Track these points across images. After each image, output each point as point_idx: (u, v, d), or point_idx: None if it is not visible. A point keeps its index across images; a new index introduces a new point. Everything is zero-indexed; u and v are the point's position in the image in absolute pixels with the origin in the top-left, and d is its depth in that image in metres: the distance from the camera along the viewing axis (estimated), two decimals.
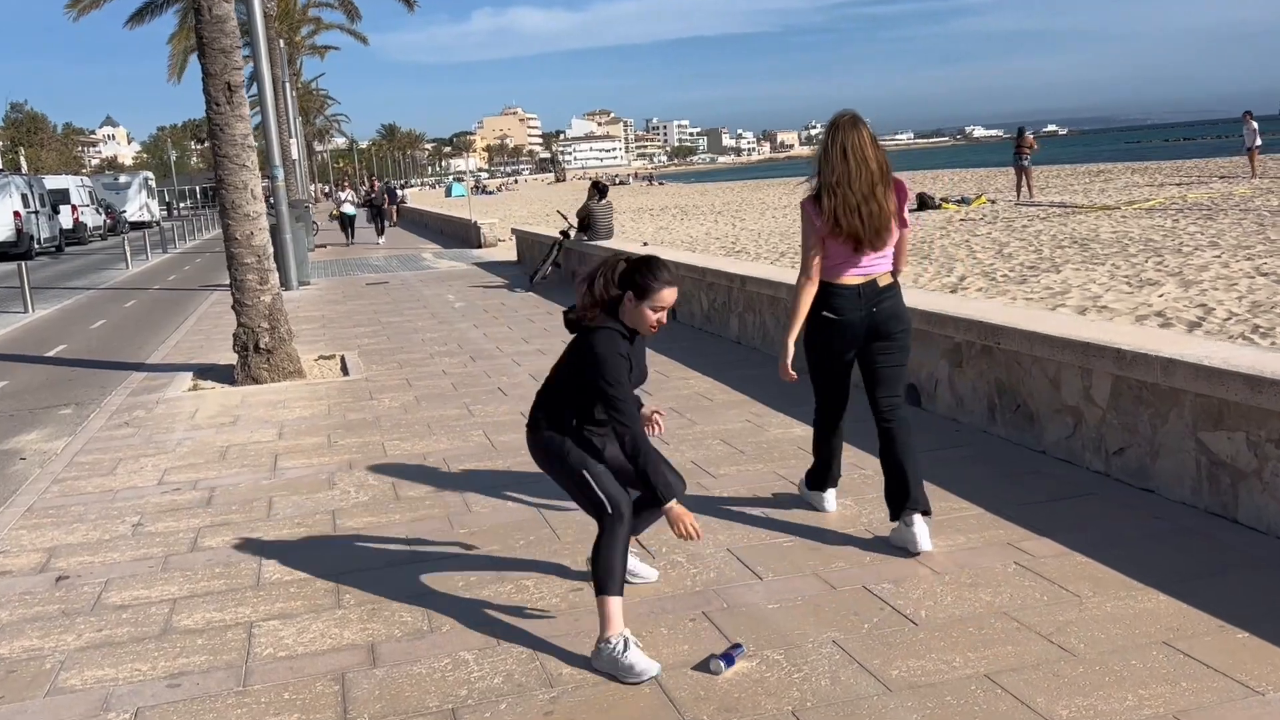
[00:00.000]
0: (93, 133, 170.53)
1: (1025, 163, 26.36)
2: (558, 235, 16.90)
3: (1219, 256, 12.97)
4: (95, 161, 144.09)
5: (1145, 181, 31.43)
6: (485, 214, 34.45)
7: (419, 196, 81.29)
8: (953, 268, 14.07)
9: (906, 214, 4.62)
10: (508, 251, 23.93)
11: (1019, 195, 26.65)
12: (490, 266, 20.88)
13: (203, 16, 9.35)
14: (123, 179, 60.29)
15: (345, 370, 9.98)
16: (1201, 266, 12.11)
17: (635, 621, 3.93)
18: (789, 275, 9.16)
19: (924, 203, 25.79)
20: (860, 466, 5.71)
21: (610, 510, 3.68)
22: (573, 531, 5.01)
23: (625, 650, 3.52)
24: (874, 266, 4.54)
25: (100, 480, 6.61)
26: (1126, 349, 4.97)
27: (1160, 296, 10.27)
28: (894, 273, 4.65)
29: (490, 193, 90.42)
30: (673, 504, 3.61)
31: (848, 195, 4.39)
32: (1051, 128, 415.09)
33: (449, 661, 3.75)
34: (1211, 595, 3.83)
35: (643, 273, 3.70)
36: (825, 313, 4.56)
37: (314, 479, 6.29)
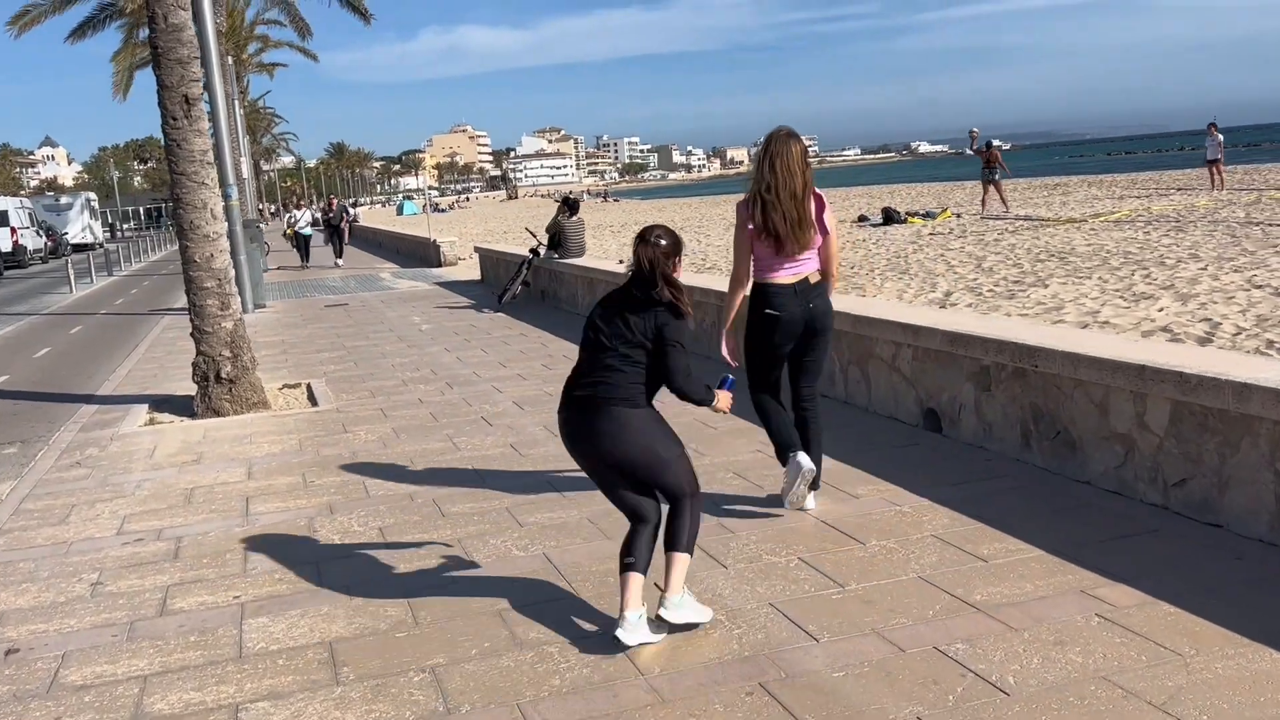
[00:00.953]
0: (31, 153, 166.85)
1: (996, 176, 26.20)
2: (526, 253, 16.38)
3: (1205, 269, 12.78)
4: (34, 183, 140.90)
5: (1104, 194, 31.57)
6: (442, 232, 33.79)
7: (370, 215, 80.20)
8: (935, 283, 13.75)
9: (828, 222, 5.07)
10: (469, 270, 23.36)
11: (984, 208, 26.55)
12: (453, 286, 20.29)
13: (158, 25, 8.75)
14: (64, 200, 58.70)
15: (313, 400, 9.38)
16: (1192, 279, 11.89)
17: (686, 696, 3.45)
18: None
19: (890, 217, 25.59)
20: (896, 503, 5.27)
21: (699, 489, 4.10)
22: (590, 586, 4.50)
23: (693, 600, 4.01)
24: (802, 266, 5.03)
25: (52, 530, 5.98)
26: (1191, 372, 4.58)
27: (1160, 311, 9.99)
28: (824, 275, 5.12)
29: (443, 210, 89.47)
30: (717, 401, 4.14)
31: (775, 202, 4.88)
32: (996, 143, 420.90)
33: None
34: None
35: (673, 237, 4.06)
36: (769, 310, 5.01)
37: (292, 525, 5.72)
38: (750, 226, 4.96)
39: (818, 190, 5.00)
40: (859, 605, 4.10)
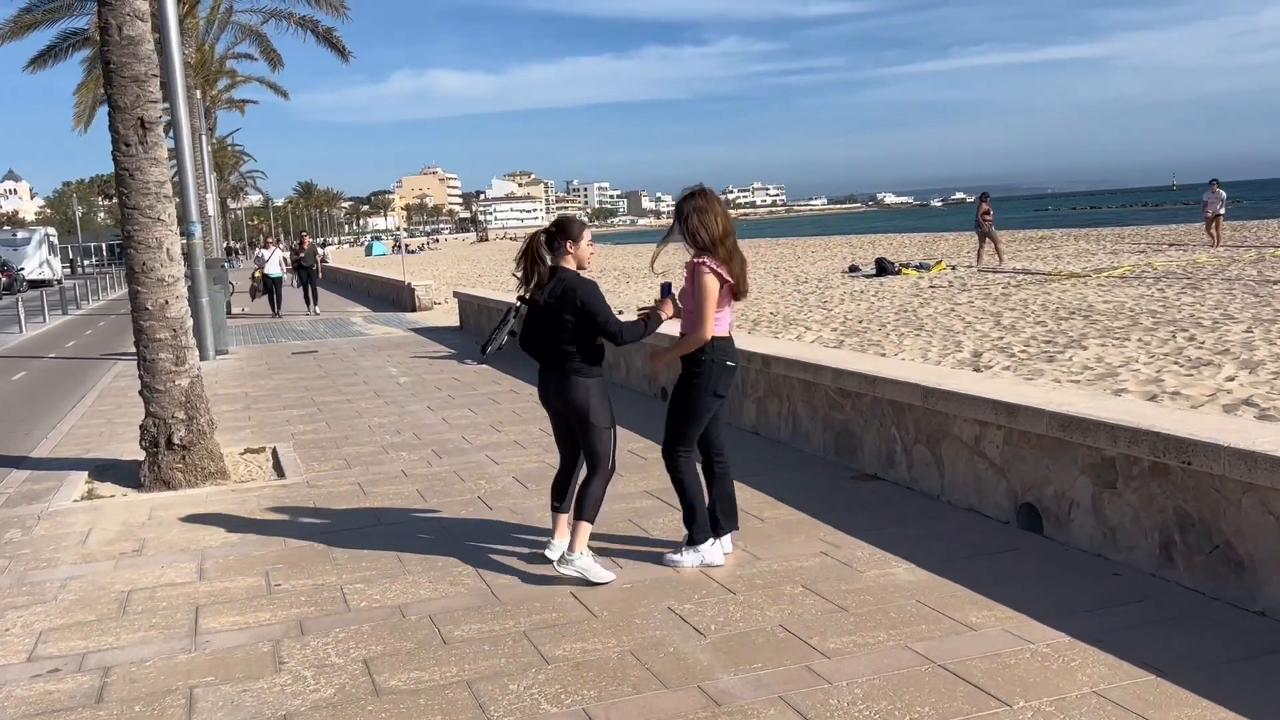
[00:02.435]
0: None
1: (986, 229, 25.49)
2: (514, 300, 15.25)
3: (1250, 331, 11.88)
4: None
5: (1095, 248, 31.00)
6: (415, 274, 32.67)
7: (338, 255, 78.78)
8: (958, 341, 12.77)
9: None
10: (446, 316, 22.20)
11: (979, 261, 25.80)
12: (429, 333, 19.11)
13: (111, 38, 7.62)
14: (21, 235, 56.95)
15: (279, 470, 8.16)
16: (1244, 344, 10.96)
17: None
18: (823, 355, 7.67)
19: (883, 268, 24.75)
20: (1026, 638, 4.15)
21: (612, 468, 5.12)
22: None
23: (592, 560, 5.03)
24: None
25: None
26: None
27: (1232, 380, 9.01)
28: None
29: (414, 252, 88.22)
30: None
31: (735, 250, 5.08)
32: (959, 195, 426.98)
33: None
34: None
35: (566, 226, 5.15)
36: (729, 362, 5.14)
37: (252, 653, 4.51)
38: (729, 280, 5.02)
39: None
40: None
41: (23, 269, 51.39)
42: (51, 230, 59.91)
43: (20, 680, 4.35)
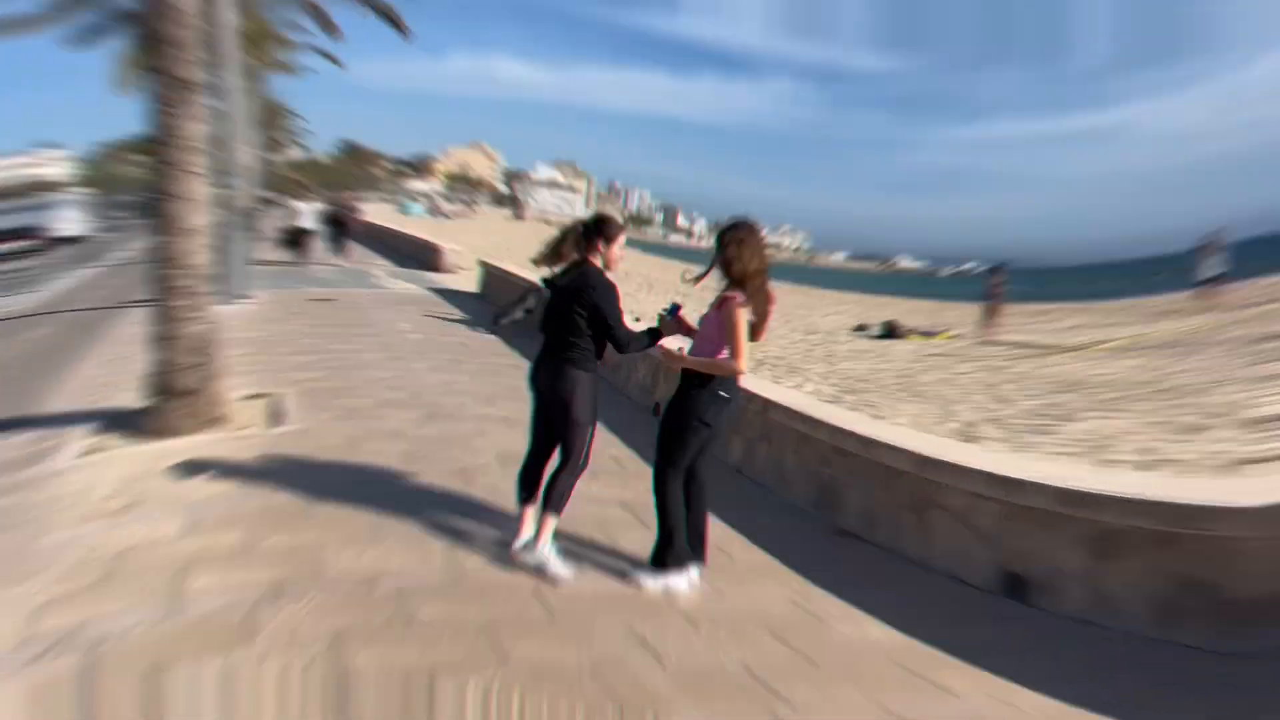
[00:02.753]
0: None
1: (993, 300, 24.90)
2: (537, 281, 15.31)
3: (1243, 392, 11.74)
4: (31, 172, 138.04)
5: (1093, 321, 30.48)
6: (446, 238, 32.70)
7: (374, 211, 78.96)
8: (952, 410, 12.73)
9: None
10: (467, 281, 22.16)
11: (985, 332, 25.38)
12: (448, 295, 19.10)
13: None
14: (55, 198, 56.84)
15: (279, 417, 8.22)
16: (1239, 403, 10.90)
17: None
18: (823, 411, 7.51)
19: (892, 331, 24.52)
20: (1015, 704, 4.16)
21: (583, 465, 5.21)
22: None
23: (555, 555, 5.13)
24: None
25: None
26: None
27: (1224, 443, 9.00)
28: None
29: (447, 217, 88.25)
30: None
31: (764, 289, 5.13)
32: (970, 264, 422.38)
33: None
34: None
35: (603, 225, 5.29)
36: (722, 392, 5.11)
37: (228, 619, 4.52)
38: (750, 318, 5.06)
39: None
40: None
41: (56, 229, 50.97)
42: (86, 190, 59.91)
43: (15, 665, 4.18)
